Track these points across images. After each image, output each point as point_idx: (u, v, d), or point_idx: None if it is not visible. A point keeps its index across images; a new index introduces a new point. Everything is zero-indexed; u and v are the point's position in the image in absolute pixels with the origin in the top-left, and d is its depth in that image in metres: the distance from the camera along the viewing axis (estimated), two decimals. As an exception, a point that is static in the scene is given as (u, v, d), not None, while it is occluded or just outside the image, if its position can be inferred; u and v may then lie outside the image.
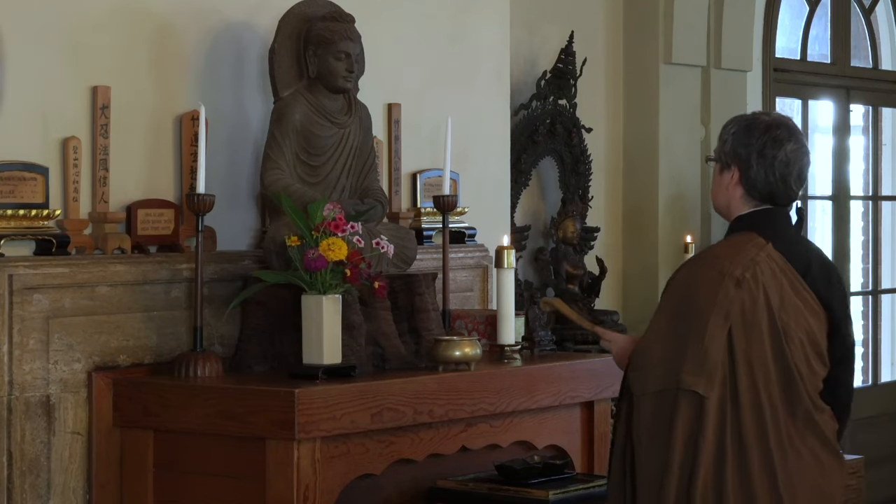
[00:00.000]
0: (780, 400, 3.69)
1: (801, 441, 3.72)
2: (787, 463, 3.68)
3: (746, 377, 3.66)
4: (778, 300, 3.71)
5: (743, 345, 3.67)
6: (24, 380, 4.22)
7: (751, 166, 3.76)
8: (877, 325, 8.98)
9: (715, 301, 3.67)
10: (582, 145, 6.81)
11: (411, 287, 4.75)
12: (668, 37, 7.22)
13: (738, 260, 3.71)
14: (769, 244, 3.74)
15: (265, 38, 4.86)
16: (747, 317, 3.67)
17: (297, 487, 4.11)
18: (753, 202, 3.80)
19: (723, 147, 3.82)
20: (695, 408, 3.66)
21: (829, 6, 8.58)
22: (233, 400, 4.21)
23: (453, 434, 4.59)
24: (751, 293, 3.69)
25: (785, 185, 3.77)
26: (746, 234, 3.77)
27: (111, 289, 4.42)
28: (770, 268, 3.72)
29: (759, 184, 3.77)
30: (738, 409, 3.66)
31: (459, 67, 5.71)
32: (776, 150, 3.75)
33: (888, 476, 8.60)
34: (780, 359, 3.69)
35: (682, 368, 3.66)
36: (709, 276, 3.73)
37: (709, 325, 3.66)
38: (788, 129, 3.79)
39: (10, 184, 4.26)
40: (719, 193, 3.85)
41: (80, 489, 4.37)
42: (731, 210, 3.84)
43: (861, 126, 8.98)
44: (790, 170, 3.76)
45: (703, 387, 3.64)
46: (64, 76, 4.44)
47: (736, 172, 3.79)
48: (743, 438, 3.66)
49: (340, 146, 4.77)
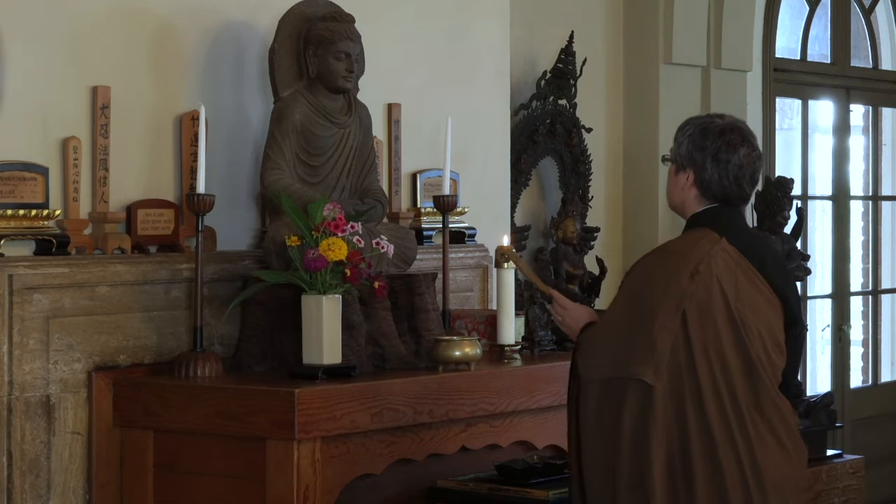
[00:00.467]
0: (743, 390, 3.77)
1: (767, 430, 3.80)
2: (753, 451, 3.75)
3: (705, 368, 3.75)
4: (734, 292, 3.80)
5: (699, 336, 3.75)
6: (24, 380, 4.22)
7: (705, 169, 3.86)
8: (877, 325, 8.98)
9: (666, 293, 3.76)
10: (582, 145, 6.81)
11: (411, 287, 4.75)
12: (668, 37, 7.22)
13: (693, 254, 3.81)
14: (724, 239, 3.84)
15: (265, 38, 4.86)
16: (703, 308, 3.76)
17: (297, 487, 4.11)
18: (707, 202, 3.89)
19: (678, 149, 3.92)
20: (642, 396, 3.76)
21: (829, 6, 8.58)
22: (233, 400, 4.21)
23: (453, 434, 4.59)
24: (705, 285, 3.77)
25: (738, 188, 3.87)
26: (701, 230, 3.87)
27: (111, 289, 4.42)
28: (725, 261, 3.82)
29: (714, 186, 3.87)
30: (700, 399, 3.74)
31: (459, 67, 5.71)
32: (730, 155, 3.85)
33: (888, 476, 8.60)
34: (741, 349, 3.78)
35: (632, 358, 3.76)
36: (662, 269, 3.83)
37: (658, 316, 3.75)
38: (742, 134, 3.89)
39: (10, 184, 4.27)
40: (675, 193, 3.95)
41: (80, 489, 4.37)
42: (685, 209, 3.94)
43: (861, 126, 8.97)
44: (743, 172, 3.86)
45: (650, 376, 3.74)
46: (64, 76, 4.44)
47: (691, 174, 3.89)
48: (710, 429, 3.73)
49: (340, 146, 4.77)
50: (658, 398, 3.75)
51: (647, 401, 3.75)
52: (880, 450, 8.48)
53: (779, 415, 3.83)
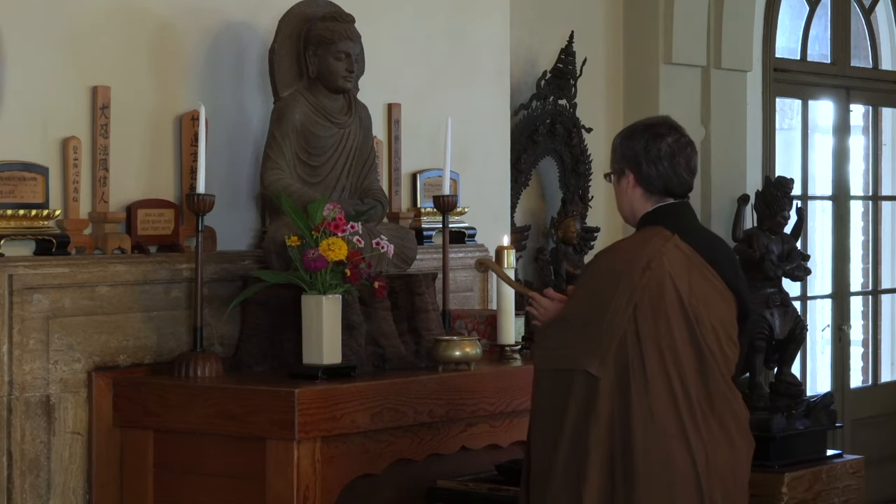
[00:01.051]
0: (694, 384, 3.83)
1: (718, 425, 3.85)
2: (705, 445, 3.81)
3: (656, 363, 3.81)
4: (687, 287, 3.87)
5: (651, 331, 3.82)
6: (24, 380, 4.22)
7: (641, 164, 3.96)
8: (877, 325, 8.97)
9: (617, 289, 3.84)
10: (582, 145, 6.81)
11: (411, 287, 4.75)
12: (668, 37, 7.22)
13: (645, 251, 3.89)
14: (675, 236, 3.92)
15: (265, 38, 4.86)
16: (655, 303, 3.83)
17: (297, 487, 4.11)
18: (654, 198, 3.98)
19: (614, 158, 4.05)
20: (587, 388, 3.83)
21: (829, 6, 8.58)
22: (233, 400, 4.21)
23: (453, 434, 4.59)
24: (657, 280, 3.84)
25: (676, 176, 3.96)
26: (653, 228, 3.95)
27: (111, 289, 4.42)
28: (677, 257, 3.89)
29: (654, 178, 3.96)
30: (647, 395, 3.80)
31: (459, 67, 5.71)
32: (659, 144, 3.95)
33: (888, 476, 8.60)
34: (694, 344, 3.84)
35: (580, 350, 3.84)
36: (614, 266, 3.91)
37: (609, 310, 3.83)
38: (667, 125, 4.01)
39: (10, 184, 4.27)
40: (622, 201, 4.05)
41: (80, 489, 4.37)
42: (635, 212, 4.03)
43: (861, 126, 8.97)
44: (677, 159, 3.96)
45: (595, 367, 3.81)
46: (64, 76, 4.44)
47: (630, 175, 3.98)
48: (657, 425, 3.78)
49: (340, 146, 4.77)
50: (603, 391, 3.81)
51: (592, 394, 3.82)
52: (880, 450, 8.48)
53: (729, 409, 3.89)
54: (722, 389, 3.87)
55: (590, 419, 3.80)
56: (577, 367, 3.84)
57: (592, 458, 3.79)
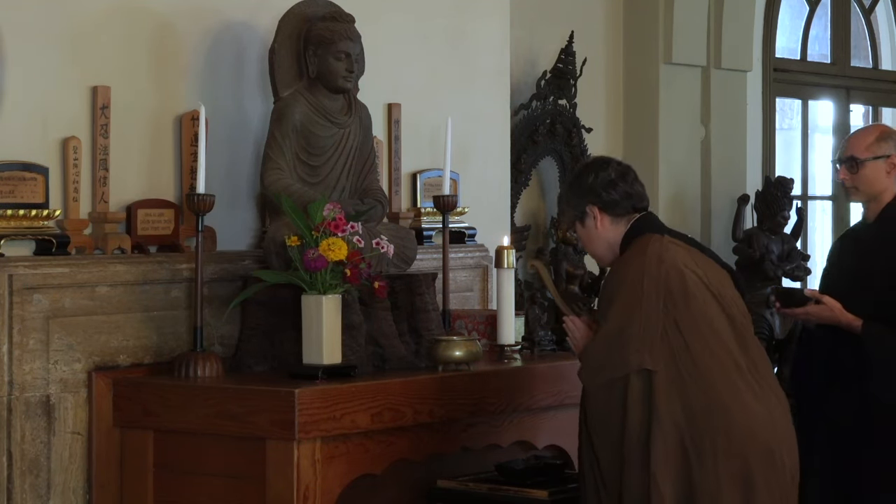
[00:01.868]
0: (738, 353, 4.02)
1: (766, 383, 4.06)
2: (765, 408, 3.99)
3: (699, 344, 3.97)
4: (701, 270, 4.07)
5: (685, 315, 3.99)
6: (24, 380, 4.22)
7: (599, 194, 4.14)
8: (877, 325, 8.96)
9: (643, 290, 3.99)
10: (582, 145, 6.81)
11: (411, 287, 4.75)
12: (668, 37, 7.22)
13: (650, 250, 4.05)
14: (665, 235, 4.12)
15: (265, 38, 4.86)
16: (681, 289, 4.00)
17: (297, 487, 4.11)
18: (623, 220, 4.16)
19: (569, 208, 4.22)
20: (642, 387, 3.96)
21: (829, 6, 8.58)
22: (233, 400, 4.21)
23: (453, 434, 4.59)
24: (675, 269, 4.02)
25: (634, 191, 4.17)
26: (642, 237, 4.11)
27: (111, 289, 4.42)
28: (678, 247, 4.09)
29: (617, 201, 4.15)
30: (700, 378, 3.94)
31: (459, 67, 5.71)
32: (606, 170, 4.17)
33: (888, 476, 8.58)
34: (727, 316, 4.04)
35: (627, 353, 3.97)
36: (630, 274, 4.05)
37: (642, 307, 3.98)
38: (603, 159, 4.26)
39: (10, 184, 4.27)
40: (596, 241, 4.20)
41: (80, 489, 4.37)
42: (612, 243, 4.18)
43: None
44: (627, 178, 4.17)
45: (648, 362, 3.95)
46: (64, 76, 4.44)
47: (594, 209, 4.16)
48: (715, 403, 3.93)
49: (340, 146, 4.77)
50: (659, 386, 3.95)
51: (648, 389, 3.95)
52: (880, 450, 8.45)
53: (768, 369, 4.10)
54: (761, 352, 4.10)
55: (652, 414, 3.93)
56: (629, 369, 3.96)
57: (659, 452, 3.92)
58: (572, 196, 4.21)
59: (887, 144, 5.01)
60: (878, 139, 5.01)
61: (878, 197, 4.99)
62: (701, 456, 3.93)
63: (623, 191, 4.14)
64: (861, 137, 5.05)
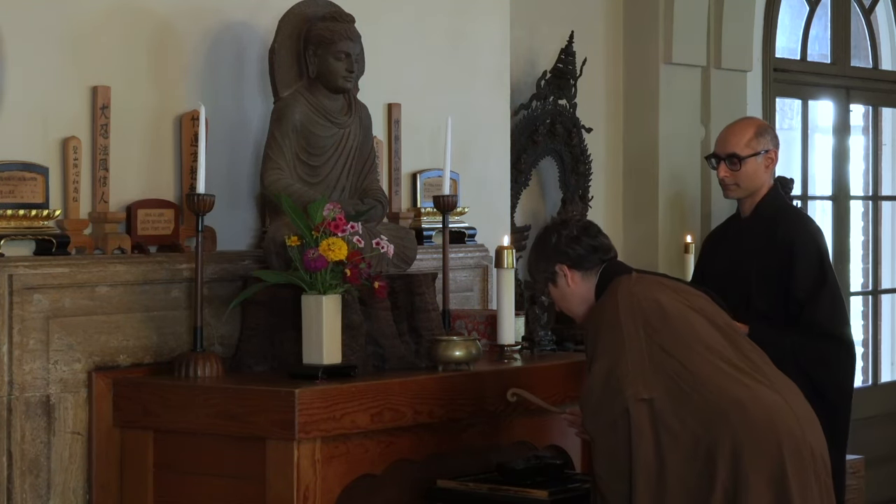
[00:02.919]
0: (732, 353, 4.06)
1: (770, 374, 4.08)
2: (779, 394, 4.02)
3: (696, 354, 4.01)
4: (672, 293, 4.15)
5: (669, 336, 4.03)
6: (24, 380, 4.22)
7: (566, 254, 4.26)
8: (877, 325, 8.97)
9: (620, 325, 4.05)
10: (582, 145, 6.81)
11: (411, 287, 4.75)
12: (668, 37, 7.21)
13: (621, 289, 4.14)
14: (634, 272, 4.24)
15: (265, 38, 4.86)
16: (658, 313, 4.07)
17: (297, 487, 4.11)
18: (593, 272, 4.27)
19: (538, 273, 4.34)
20: (648, 412, 3.97)
21: (829, 6, 8.58)
22: (233, 400, 4.21)
23: (453, 434, 4.59)
24: (648, 296, 4.10)
25: (598, 244, 4.29)
26: (612, 283, 4.23)
27: (111, 289, 4.42)
28: (647, 281, 4.22)
29: (584, 256, 4.27)
30: (701, 387, 3.96)
31: (459, 67, 5.71)
32: (568, 229, 4.30)
33: (888, 476, 8.60)
34: (710, 323, 4.09)
35: (623, 387, 3.98)
36: (606, 315, 4.12)
37: (625, 341, 4.03)
38: (562, 220, 4.46)
39: (10, 184, 4.27)
40: (570, 298, 4.30)
41: (80, 489, 4.37)
42: (588, 297, 4.27)
43: (861, 126, 8.97)
44: (590, 232, 4.31)
45: (643, 391, 3.98)
46: (64, 76, 4.44)
47: (563, 268, 4.27)
48: (722, 397, 3.95)
49: (340, 146, 4.77)
50: (666, 407, 3.97)
51: (654, 417, 3.98)
52: (880, 450, 8.47)
53: (767, 363, 4.12)
54: (754, 347, 4.13)
55: (667, 436, 3.95)
56: (627, 403, 3.97)
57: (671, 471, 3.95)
58: (539, 260, 4.33)
59: (765, 139, 5.07)
60: (756, 135, 5.06)
61: (756, 192, 5.04)
62: (725, 458, 3.92)
63: (588, 244, 4.26)
64: (738, 134, 5.10)
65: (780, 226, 5.00)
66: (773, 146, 5.12)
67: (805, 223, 5.12)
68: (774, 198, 5.11)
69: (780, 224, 5.01)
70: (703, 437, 3.94)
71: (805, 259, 4.97)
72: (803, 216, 5.28)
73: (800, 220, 5.12)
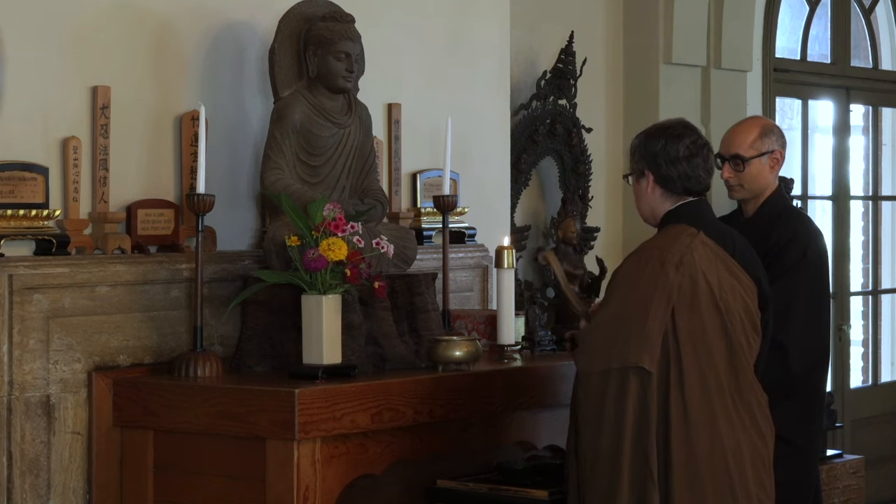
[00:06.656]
0: (726, 375, 4.00)
1: (745, 410, 4.02)
2: (734, 434, 3.97)
3: (691, 356, 3.97)
4: (716, 281, 4.02)
5: (685, 325, 3.97)
6: (24, 380, 4.22)
7: (660, 165, 4.12)
8: (877, 325, 8.98)
9: (656, 286, 3.97)
10: (582, 145, 6.81)
11: (411, 287, 4.75)
12: (668, 37, 7.22)
13: (675, 248, 4.02)
14: (701, 232, 4.05)
15: (265, 38, 4.86)
16: (688, 298, 3.98)
17: (297, 487, 4.11)
18: (674, 198, 4.14)
19: (633, 159, 4.18)
20: (641, 384, 3.95)
21: (829, 6, 8.58)
22: (233, 400, 4.21)
23: (453, 434, 4.59)
24: (690, 276, 4.00)
25: (695, 176, 4.13)
26: (678, 226, 4.08)
27: (111, 289, 4.42)
28: (705, 252, 4.04)
29: (673, 179, 4.12)
30: (682, 387, 3.95)
31: (459, 67, 5.71)
32: (677, 145, 4.11)
33: (888, 476, 8.60)
34: (725, 336, 4.01)
35: (628, 348, 3.96)
36: (649, 265, 4.02)
37: (651, 307, 3.96)
38: (683, 126, 4.18)
39: (10, 184, 4.27)
40: (642, 201, 4.20)
41: (80, 489, 4.37)
42: (656, 211, 4.16)
43: (861, 126, 8.97)
44: (695, 160, 4.12)
45: (647, 363, 3.94)
46: (64, 76, 4.44)
47: (650, 176, 4.15)
48: (689, 416, 3.94)
49: (340, 146, 4.77)
50: (653, 388, 3.95)
51: (647, 388, 3.95)
52: (880, 450, 8.48)
53: (755, 396, 4.05)
54: (749, 378, 4.04)
55: (648, 414, 3.94)
56: (629, 363, 3.95)
57: (652, 451, 3.93)
58: (638, 151, 4.17)
59: (770, 140, 5.04)
60: (761, 135, 5.02)
61: (761, 193, 5.00)
62: (666, 464, 3.94)
63: (682, 171, 4.10)
64: (743, 134, 5.05)
65: (776, 228, 4.93)
66: (778, 146, 5.08)
67: (801, 226, 4.99)
68: (778, 200, 5.04)
69: (777, 227, 4.93)
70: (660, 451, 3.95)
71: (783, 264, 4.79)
72: (803, 218, 5.19)
73: (798, 223, 5.01)
